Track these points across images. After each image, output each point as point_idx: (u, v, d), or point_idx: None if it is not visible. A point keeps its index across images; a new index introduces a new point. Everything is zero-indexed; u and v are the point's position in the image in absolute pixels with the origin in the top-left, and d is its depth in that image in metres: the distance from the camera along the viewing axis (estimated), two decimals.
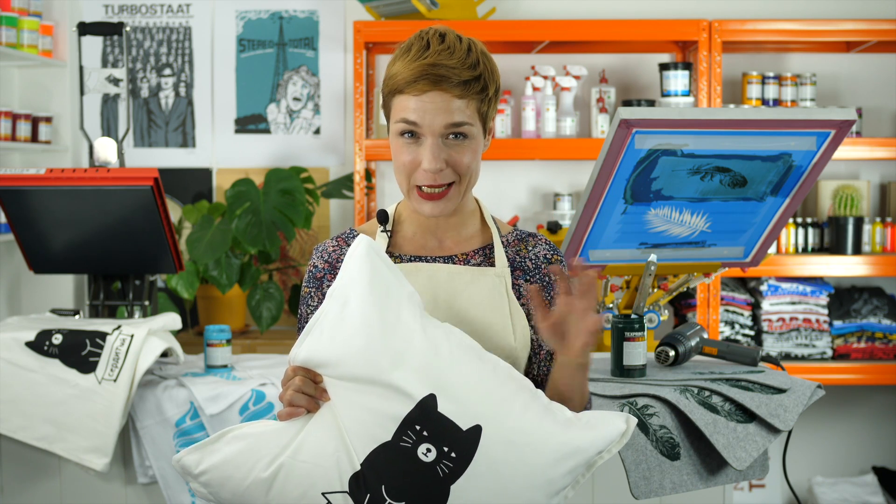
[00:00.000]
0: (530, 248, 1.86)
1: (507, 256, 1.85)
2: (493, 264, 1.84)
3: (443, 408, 1.55)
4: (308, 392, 1.63)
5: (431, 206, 1.77)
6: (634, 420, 1.65)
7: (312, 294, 1.83)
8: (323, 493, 1.59)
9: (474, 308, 1.78)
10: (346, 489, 1.58)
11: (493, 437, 1.56)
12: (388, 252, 1.83)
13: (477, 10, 4.21)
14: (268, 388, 2.82)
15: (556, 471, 1.60)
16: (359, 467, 1.58)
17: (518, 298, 1.83)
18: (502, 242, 1.86)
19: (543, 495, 1.60)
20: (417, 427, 1.56)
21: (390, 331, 1.58)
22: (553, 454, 1.59)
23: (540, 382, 1.82)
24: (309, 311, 1.84)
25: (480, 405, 1.57)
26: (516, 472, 1.57)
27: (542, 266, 1.86)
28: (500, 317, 1.79)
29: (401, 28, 4.07)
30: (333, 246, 1.85)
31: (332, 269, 1.82)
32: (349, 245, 1.84)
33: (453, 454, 1.56)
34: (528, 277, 1.84)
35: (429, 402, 1.55)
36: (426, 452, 1.56)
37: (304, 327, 1.84)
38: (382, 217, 1.84)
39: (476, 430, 1.56)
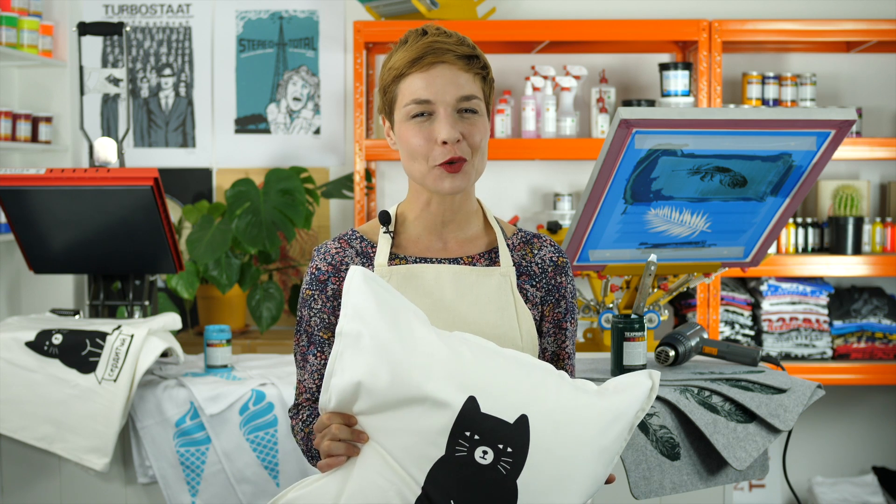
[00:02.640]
0: (535, 251, 1.86)
1: (512, 260, 1.84)
2: (498, 266, 1.83)
3: (485, 407, 1.55)
4: (344, 438, 1.60)
5: (451, 180, 1.75)
6: (658, 374, 1.67)
7: (316, 297, 1.81)
8: None
9: (480, 309, 1.78)
10: None
11: (539, 423, 1.56)
12: (391, 254, 1.82)
13: (477, 10, 4.21)
14: (268, 388, 2.82)
15: (607, 438, 1.61)
16: (420, 490, 1.56)
17: (525, 302, 1.82)
18: (508, 245, 1.85)
19: (602, 465, 1.61)
20: (467, 433, 1.54)
21: (411, 348, 1.57)
22: (598, 424, 1.60)
23: None
24: (312, 314, 1.82)
25: (518, 396, 1.57)
26: (572, 450, 1.58)
27: (549, 270, 1.86)
28: (507, 317, 1.79)
29: (401, 28, 4.07)
30: (336, 248, 1.83)
31: (336, 271, 1.81)
32: (352, 246, 1.83)
33: (509, 449, 1.54)
34: (534, 282, 1.84)
35: (471, 406, 1.54)
36: (483, 455, 1.54)
37: (305, 330, 1.84)
38: (384, 218, 1.83)
39: (523, 420, 1.55)
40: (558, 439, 1.57)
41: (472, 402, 1.54)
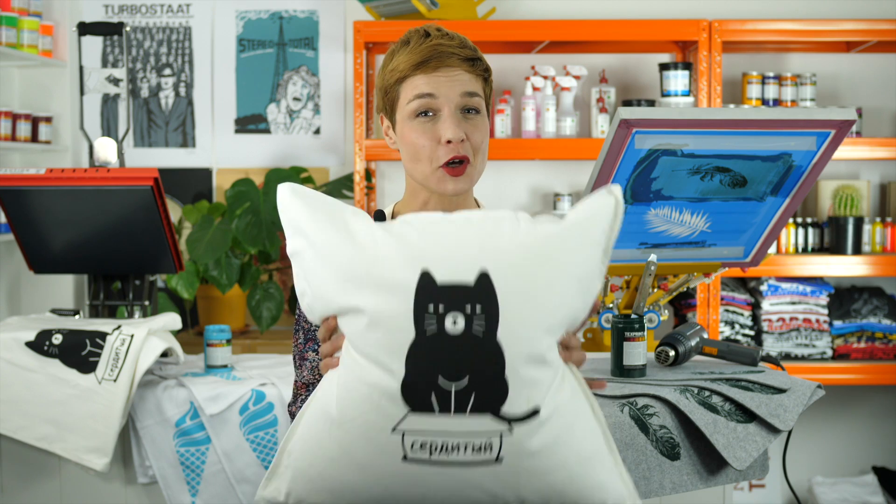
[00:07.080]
0: None
1: None
2: None
3: (441, 277, 1.50)
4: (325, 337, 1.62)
5: (455, 183, 1.78)
6: (618, 187, 1.61)
7: None
8: (391, 428, 1.51)
9: None
10: (405, 402, 1.50)
11: (502, 271, 1.51)
12: None
13: (477, 10, 4.21)
14: (268, 388, 2.82)
15: (580, 267, 1.56)
16: (403, 374, 1.50)
17: None
18: None
19: (581, 299, 1.57)
20: (430, 307, 1.50)
21: (350, 242, 1.54)
22: (568, 253, 1.56)
23: None
24: None
25: (473, 253, 1.52)
26: (545, 290, 1.53)
27: None
28: None
29: (401, 28, 4.07)
30: None
31: None
32: None
33: (479, 308, 1.50)
34: None
35: (427, 280, 1.50)
36: (454, 323, 1.50)
37: (302, 327, 1.85)
38: (380, 218, 1.83)
39: (484, 277, 1.51)
40: (528, 282, 1.52)
41: (426, 277, 1.50)
